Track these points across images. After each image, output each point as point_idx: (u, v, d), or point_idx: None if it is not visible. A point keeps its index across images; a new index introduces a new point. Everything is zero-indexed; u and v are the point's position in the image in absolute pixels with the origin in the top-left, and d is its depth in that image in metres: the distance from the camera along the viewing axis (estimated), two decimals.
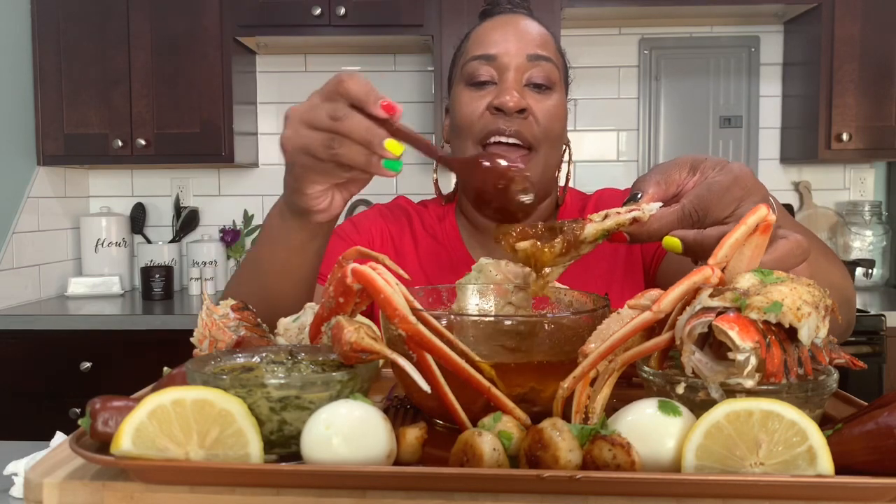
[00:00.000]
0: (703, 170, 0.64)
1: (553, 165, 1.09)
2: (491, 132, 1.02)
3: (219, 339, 0.68)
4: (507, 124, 1.01)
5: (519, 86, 1.03)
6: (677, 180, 0.64)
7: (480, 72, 1.04)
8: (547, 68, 1.05)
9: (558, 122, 1.06)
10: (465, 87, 1.06)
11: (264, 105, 3.05)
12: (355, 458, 0.47)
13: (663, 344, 0.52)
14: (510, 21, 1.07)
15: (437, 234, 1.18)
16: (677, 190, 0.64)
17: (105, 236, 2.94)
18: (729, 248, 0.53)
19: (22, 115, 2.67)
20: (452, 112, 1.10)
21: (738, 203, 0.61)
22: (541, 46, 1.05)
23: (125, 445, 0.46)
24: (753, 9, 2.76)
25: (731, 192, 0.61)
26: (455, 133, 1.09)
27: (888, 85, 2.61)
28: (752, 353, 0.46)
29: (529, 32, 1.06)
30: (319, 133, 0.69)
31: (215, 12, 2.66)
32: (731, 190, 0.61)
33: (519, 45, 1.04)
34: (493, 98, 1.02)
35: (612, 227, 0.62)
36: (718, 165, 0.64)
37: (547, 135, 1.04)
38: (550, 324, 0.61)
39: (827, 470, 0.43)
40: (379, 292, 0.54)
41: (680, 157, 0.66)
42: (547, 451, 0.46)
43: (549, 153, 1.05)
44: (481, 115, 1.03)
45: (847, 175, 3.01)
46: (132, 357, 2.42)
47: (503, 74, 1.04)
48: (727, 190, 0.61)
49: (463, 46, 1.12)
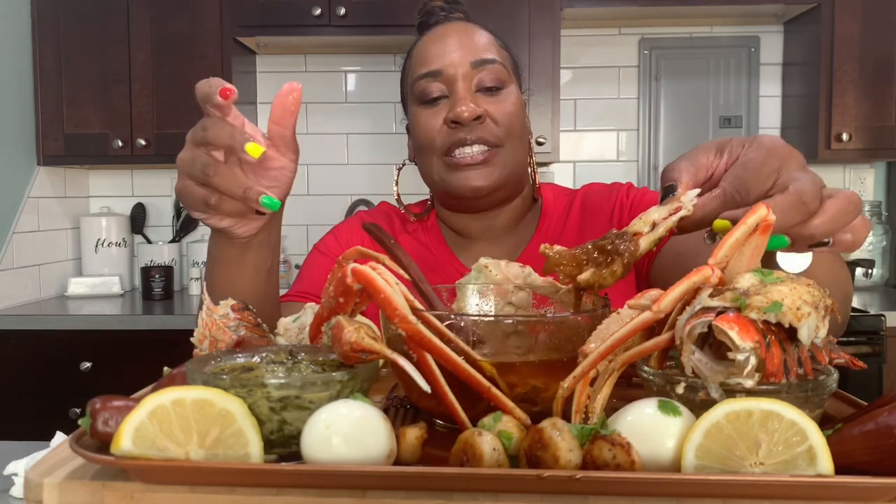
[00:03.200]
0: (730, 149, 0.62)
1: (522, 159, 1.10)
2: (453, 144, 1.04)
3: (219, 339, 0.68)
4: (466, 134, 1.03)
5: (470, 93, 1.04)
6: (706, 164, 0.63)
7: (430, 88, 1.06)
8: (494, 69, 1.05)
9: (517, 118, 1.07)
10: (419, 107, 1.08)
11: (264, 105, 3.05)
12: (355, 458, 0.47)
13: (663, 344, 0.52)
14: (447, 31, 1.08)
15: (420, 238, 1.19)
16: (708, 174, 0.63)
17: (105, 236, 2.94)
18: (729, 248, 0.53)
19: (22, 115, 2.67)
20: (413, 132, 1.12)
21: (777, 174, 0.59)
22: (483, 50, 1.06)
23: (125, 445, 0.46)
24: (753, 9, 2.76)
25: (767, 165, 0.59)
26: (419, 152, 1.11)
27: (888, 85, 2.61)
28: (751, 353, 0.46)
29: (471, 39, 1.07)
30: (201, 188, 0.75)
31: (215, 12, 2.66)
32: (767, 162, 0.59)
33: (461, 53, 1.05)
34: (448, 112, 1.04)
35: (664, 234, 0.60)
36: (747, 142, 0.62)
37: (509, 132, 1.05)
38: (550, 324, 0.61)
39: (827, 470, 0.43)
40: (379, 292, 0.54)
41: (704, 143, 0.65)
42: (547, 451, 0.46)
43: (514, 147, 1.07)
44: (440, 130, 1.05)
45: (847, 175, 3.01)
46: (132, 357, 2.42)
47: (452, 86, 1.05)
48: (763, 163, 0.59)
49: (408, 65, 1.13)
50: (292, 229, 3.09)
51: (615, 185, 1.19)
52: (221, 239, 0.86)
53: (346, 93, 3.06)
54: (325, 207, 3.07)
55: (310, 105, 3.07)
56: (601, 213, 1.15)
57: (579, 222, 1.15)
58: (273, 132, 0.78)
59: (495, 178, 1.05)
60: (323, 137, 3.08)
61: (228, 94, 0.72)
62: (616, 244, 0.60)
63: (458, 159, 1.04)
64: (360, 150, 3.08)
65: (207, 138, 0.73)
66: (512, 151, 1.06)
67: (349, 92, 3.06)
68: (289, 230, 3.08)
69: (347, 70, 3.06)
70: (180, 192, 0.76)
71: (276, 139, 0.79)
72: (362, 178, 3.08)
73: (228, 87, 0.72)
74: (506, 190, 1.10)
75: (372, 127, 3.07)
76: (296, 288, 1.14)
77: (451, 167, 1.05)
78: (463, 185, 1.05)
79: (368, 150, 3.08)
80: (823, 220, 0.57)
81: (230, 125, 0.73)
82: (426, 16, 1.15)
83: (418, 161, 1.13)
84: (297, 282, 1.16)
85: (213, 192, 0.74)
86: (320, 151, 3.08)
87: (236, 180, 0.73)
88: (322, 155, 3.08)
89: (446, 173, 1.06)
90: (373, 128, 3.07)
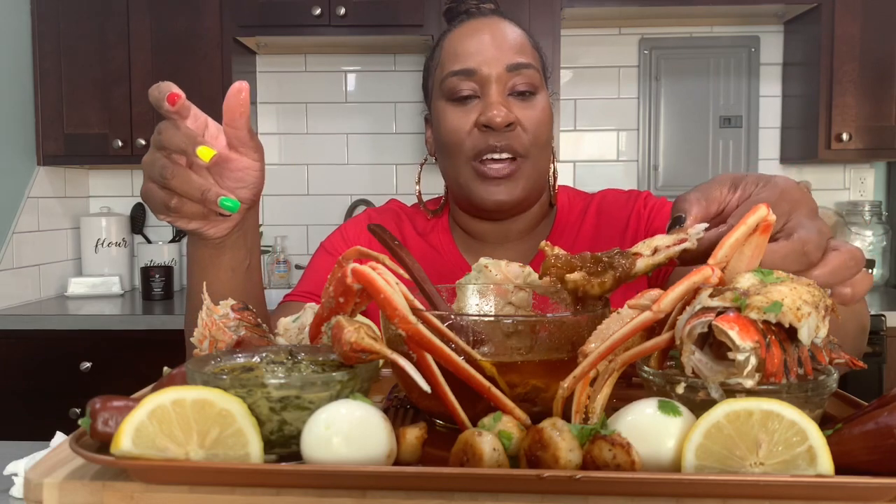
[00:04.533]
0: (744, 186, 0.62)
1: (544, 168, 1.09)
2: (482, 150, 1.02)
3: (219, 339, 0.68)
4: (497, 140, 1.01)
5: (503, 97, 1.02)
6: (719, 198, 0.62)
7: (461, 87, 1.03)
8: (528, 75, 1.03)
9: (545, 127, 1.05)
10: (448, 104, 1.05)
11: (264, 105, 3.05)
12: (355, 458, 0.47)
13: (663, 344, 0.52)
14: (483, 27, 1.05)
15: (430, 238, 1.17)
16: (719, 208, 0.62)
17: (105, 236, 2.94)
18: (729, 248, 0.53)
19: (22, 115, 2.67)
20: (437, 128, 1.08)
21: (786, 217, 0.59)
22: (519, 53, 1.03)
23: (125, 445, 0.46)
24: (753, 9, 2.76)
25: (778, 207, 0.58)
26: (443, 151, 1.08)
27: (888, 85, 2.61)
28: (752, 353, 0.46)
29: (506, 39, 1.04)
30: (161, 191, 0.77)
31: (215, 12, 2.66)
32: (778, 205, 0.58)
33: (497, 54, 1.02)
34: (480, 115, 1.02)
35: (663, 261, 0.60)
36: (762, 181, 0.62)
37: (536, 142, 1.04)
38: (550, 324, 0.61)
39: (827, 470, 0.43)
40: (379, 292, 0.54)
41: (720, 176, 0.65)
42: (547, 451, 0.46)
43: (538, 158, 1.06)
44: (469, 133, 1.03)
45: (847, 175, 3.01)
46: (132, 357, 2.42)
47: (485, 88, 1.02)
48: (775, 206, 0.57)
49: (437, 56, 1.09)
50: (292, 229, 3.09)
51: (633, 192, 1.17)
52: (195, 240, 0.87)
53: (346, 93, 3.06)
54: (325, 207, 3.07)
55: (310, 105, 3.07)
56: (617, 222, 1.13)
57: (594, 229, 1.14)
58: (228, 134, 0.80)
59: (519, 193, 1.05)
60: (323, 137, 3.08)
61: (175, 99, 0.74)
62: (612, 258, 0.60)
63: (486, 170, 1.02)
64: (360, 150, 3.08)
65: (162, 142, 0.75)
66: (536, 162, 1.05)
67: (349, 92, 3.06)
68: (289, 230, 3.08)
69: (347, 70, 3.06)
70: (144, 194, 0.79)
71: (232, 141, 0.81)
72: (362, 178, 3.08)
73: (175, 93, 0.74)
74: (527, 202, 1.09)
75: (372, 127, 3.07)
76: (301, 287, 1.13)
77: (480, 177, 1.04)
78: (487, 198, 1.04)
79: (368, 150, 3.08)
80: (823, 273, 0.57)
81: (183, 129, 0.74)
82: (456, 2, 1.12)
83: (441, 159, 1.10)
84: (301, 281, 1.15)
85: (172, 194, 0.76)
86: (320, 151, 3.08)
87: (193, 183, 0.75)
88: (322, 155, 3.08)
89: (473, 182, 1.05)
90: (373, 128, 3.07)
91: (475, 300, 0.75)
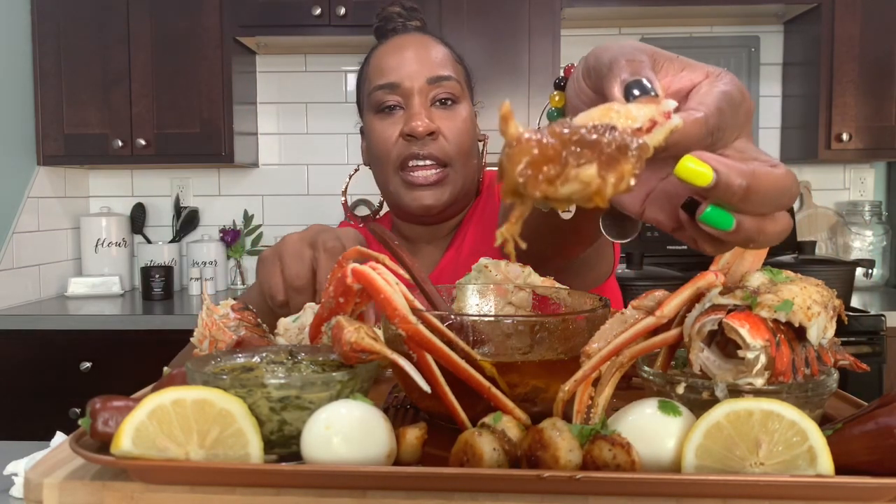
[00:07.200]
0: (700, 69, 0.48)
1: (471, 174, 1.16)
2: (406, 158, 1.09)
3: (219, 339, 0.68)
4: (419, 148, 1.08)
5: (425, 107, 1.10)
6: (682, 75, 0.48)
7: (386, 99, 1.11)
8: (449, 86, 1.11)
9: (467, 135, 1.12)
10: (375, 116, 1.13)
11: (264, 105, 3.05)
12: (355, 458, 0.47)
13: (671, 340, 0.52)
14: (406, 43, 1.13)
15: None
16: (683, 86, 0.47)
17: (105, 236, 2.94)
18: (731, 254, 0.53)
19: (22, 115, 2.67)
20: (368, 139, 1.17)
21: (739, 130, 0.46)
22: (439, 66, 1.11)
23: (125, 445, 0.46)
24: (753, 9, 2.76)
25: (742, 109, 0.46)
26: (374, 161, 1.16)
27: (888, 85, 2.61)
28: (761, 352, 0.46)
29: (428, 54, 1.11)
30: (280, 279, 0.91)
31: (215, 12, 2.66)
32: (742, 106, 0.46)
33: (418, 68, 1.09)
34: (403, 125, 1.09)
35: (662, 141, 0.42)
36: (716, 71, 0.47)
37: (459, 150, 1.11)
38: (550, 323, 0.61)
39: (827, 470, 0.43)
40: (379, 292, 0.54)
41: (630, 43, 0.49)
42: (547, 451, 0.46)
43: (464, 165, 1.13)
44: (395, 142, 1.10)
45: (847, 175, 3.01)
46: (132, 357, 2.42)
47: (408, 100, 1.10)
48: (739, 106, 0.45)
49: (365, 70, 1.18)
50: (292, 229, 3.08)
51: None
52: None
53: (346, 93, 3.06)
54: (325, 207, 3.06)
55: (310, 105, 3.07)
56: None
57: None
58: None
59: (446, 198, 1.11)
60: (323, 137, 3.08)
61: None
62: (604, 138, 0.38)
63: (413, 177, 1.10)
64: (359, 150, 3.08)
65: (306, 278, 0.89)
66: (461, 168, 1.12)
67: (349, 92, 3.06)
68: (289, 230, 3.08)
69: (347, 70, 3.06)
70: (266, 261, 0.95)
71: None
72: (362, 178, 3.07)
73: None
74: (455, 206, 1.16)
75: None
76: None
77: (406, 185, 1.11)
78: (414, 203, 1.11)
79: None
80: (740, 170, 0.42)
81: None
82: (384, 21, 1.20)
83: (374, 168, 1.18)
84: None
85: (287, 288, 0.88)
86: (320, 151, 3.08)
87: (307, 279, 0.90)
88: (322, 155, 3.08)
89: (401, 189, 1.12)
90: None
91: (475, 300, 0.75)
